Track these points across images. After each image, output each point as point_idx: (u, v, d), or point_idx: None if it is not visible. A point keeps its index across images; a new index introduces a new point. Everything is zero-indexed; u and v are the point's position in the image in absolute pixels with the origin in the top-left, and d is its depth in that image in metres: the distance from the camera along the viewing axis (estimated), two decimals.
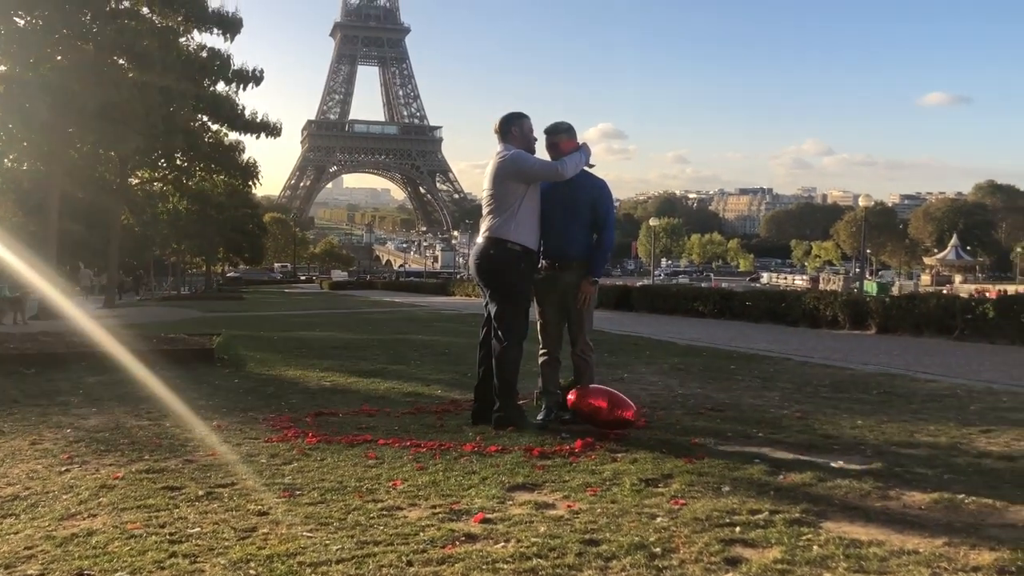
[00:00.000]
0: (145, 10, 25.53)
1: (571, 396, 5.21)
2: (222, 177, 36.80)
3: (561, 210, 5.29)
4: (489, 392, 5.26)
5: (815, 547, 2.84)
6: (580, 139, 5.42)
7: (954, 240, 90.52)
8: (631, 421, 5.00)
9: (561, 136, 5.33)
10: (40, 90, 20.51)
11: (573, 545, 2.86)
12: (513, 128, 5.29)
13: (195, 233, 50.45)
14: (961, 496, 3.48)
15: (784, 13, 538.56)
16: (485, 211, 5.31)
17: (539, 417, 5.30)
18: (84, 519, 3.34)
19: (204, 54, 27.40)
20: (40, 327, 15.15)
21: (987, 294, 15.03)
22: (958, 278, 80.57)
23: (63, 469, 4.22)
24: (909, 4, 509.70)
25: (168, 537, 3.05)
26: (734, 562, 2.71)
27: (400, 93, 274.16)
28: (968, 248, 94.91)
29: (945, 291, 33.20)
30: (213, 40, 30.16)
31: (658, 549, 2.82)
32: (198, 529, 3.16)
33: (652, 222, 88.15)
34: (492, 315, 5.24)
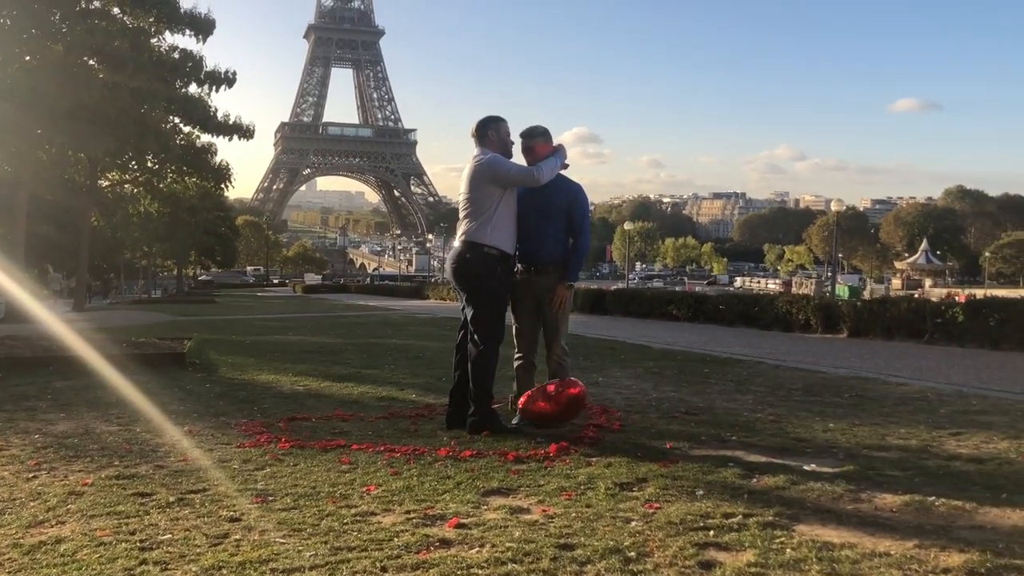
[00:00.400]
0: (116, 10, 25.31)
1: (520, 402, 5.22)
2: (194, 179, 36.49)
3: (536, 214, 5.30)
4: (464, 396, 5.24)
5: (788, 550, 2.85)
6: (555, 143, 5.43)
7: (924, 245, 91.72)
8: (580, 397, 5.06)
9: (537, 140, 5.34)
10: (8, 90, 20.25)
11: (548, 550, 2.86)
12: (490, 132, 5.29)
13: (166, 236, 50.05)
14: (932, 498, 3.51)
15: (758, 21, 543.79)
16: (462, 215, 5.31)
17: (514, 421, 5.29)
18: (52, 526, 3.29)
19: (176, 55, 27.18)
20: (7, 331, 14.92)
21: (957, 298, 15.23)
22: (928, 282, 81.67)
23: (31, 476, 4.15)
24: (881, 13, 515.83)
25: (138, 544, 3.01)
26: (708, 566, 2.71)
27: (374, 96, 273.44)
28: (938, 252, 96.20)
29: (917, 295, 33.58)
30: (185, 41, 30.03)
31: (632, 553, 2.82)
32: (169, 536, 3.12)
33: (627, 226, 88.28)
34: (468, 319, 5.23)
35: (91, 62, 23.80)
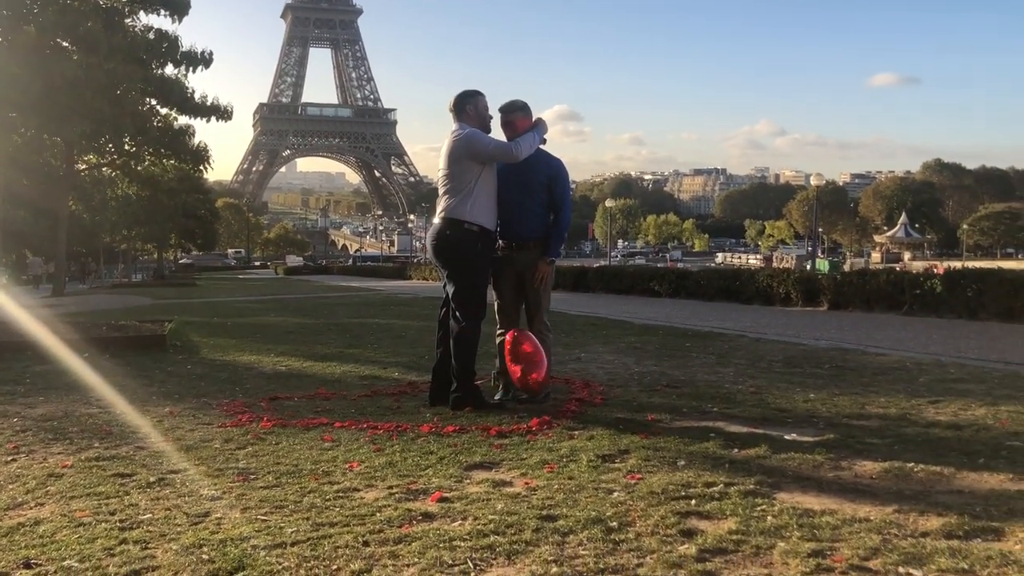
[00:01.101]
0: None
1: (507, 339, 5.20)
2: (172, 162, 36.11)
3: (517, 190, 5.27)
4: (447, 373, 5.23)
5: (769, 517, 2.87)
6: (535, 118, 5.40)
7: (903, 218, 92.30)
8: (542, 383, 5.08)
9: (516, 114, 5.31)
10: None
11: (530, 521, 2.86)
12: (468, 106, 5.25)
13: (146, 219, 49.60)
14: (911, 465, 3.54)
15: None
16: (441, 191, 5.27)
17: (496, 397, 5.30)
18: (31, 508, 3.26)
19: (151, 36, 26.81)
20: None
21: (935, 270, 15.34)
22: (907, 255, 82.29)
23: (9, 459, 4.11)
24: None
25: (118, 524, 2.99)
26: (690, 534, 2.73)
27: (353, 75, 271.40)
28: (916, 226, 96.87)
29: (899, 268, 33.79)
30: (160, 21, 29.58)
31: (615, 523, 2.83)
32: (149, 515, 3.10)
33: (608, 203, 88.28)
34: (450, 296, 5.21)
35: (64, 43, 23.45)
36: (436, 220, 5.31)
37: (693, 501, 3.08)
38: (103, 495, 3.40)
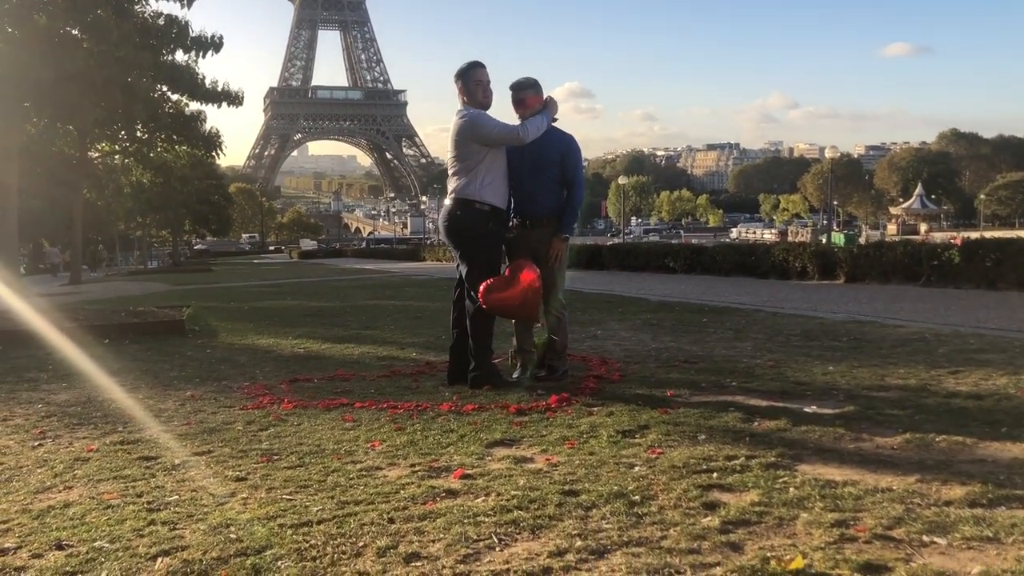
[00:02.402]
0: None
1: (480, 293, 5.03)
2: (184, 148, 36.15)
3: (529, 167, 5.26)
4: (464, 352, 5.25)
5: (791, 489, 2.88)
6: (545, 96, 5.38)
7: (919, 189, 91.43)
8: (535, 280, 4.93)
9: (527, 92, 5.28)
10: None
11: (553, 496, 2.88)
12: (459, 87, 5.22)
13: (160, 206, 49.75)
14: (932, 435, 3.54)
15: None
16: (450, 172, 5.28)
17: (515, 375, 5.31)
18: (60, 492, 3.30)
19: (161, 22, 26.78)
20: (4, 305, 14.88)
21: (954, 241, 15.22)
22: (923, 226, 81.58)
23: (36, 444, 4.16)
24: None
25: (146, 506, 3.03)
26: (712, 506, 2.74)
27: (363, 57, 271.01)
28: (932, 197, 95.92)
29: (921, 240, 33.48)
30: (170, 7, 29.48)
31: (637, 497, 2.85)
32: (176, 497, 3.14)
33: (621, 180, 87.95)
34: (464, 275, 5.22)
35: (75, 32, 23.45)
36: (447, 201, 5.30)
37: (715, 474, 3.09)
38: (130, 478, 3.44)
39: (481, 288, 4.98)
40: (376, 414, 4.49)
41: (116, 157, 35.37)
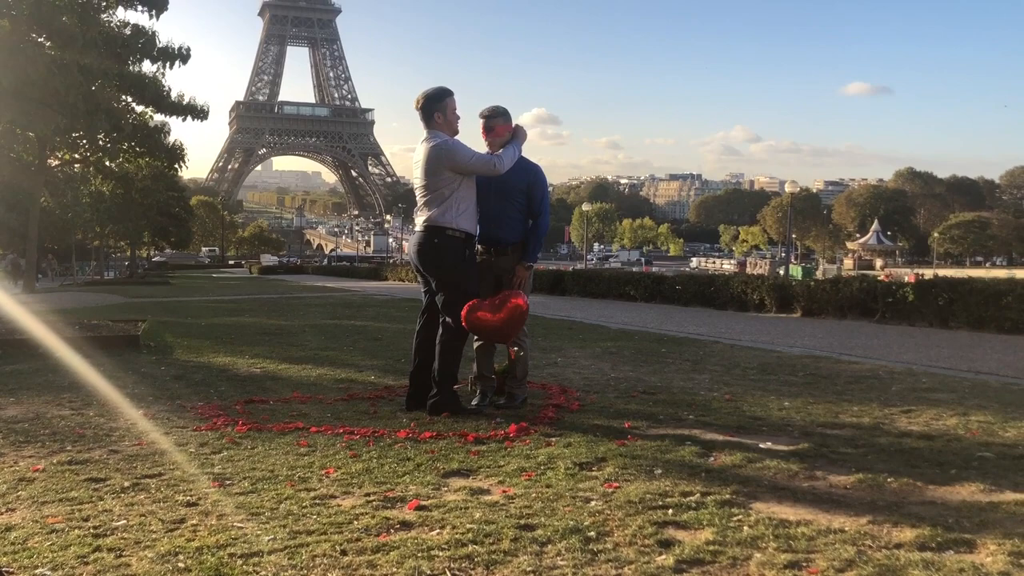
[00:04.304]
0: None
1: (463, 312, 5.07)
2: (146, 159, 35.74)
3: (495, 195, 5.28)
4: (425, 378, 5.21)
5: (746, 528, 2.89)
6: (514, 123, 5.41)
7: (875, 225, 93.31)
8: (523, 308, 5.03)
9: (497, 120, 5.31)
10: None
11: (508, 531, 2.87)
12: (436, 113, 5.15)
13: (119, 216, 49.04)
14: (884, 475, 3.58)
15: (713, 4, 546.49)
16: (420, 201, 5.21)
17: (474, 402, 5.29)
18: (1, 514, 3.21)
19: (127, 31, 26.53)
20: None
21: (906, 278, 15.50)
22: (879, 262, 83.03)
23: None
24: None
25: (92, 531, 2.96)
26: (667, 544, 2.74)
27: (331, 75, 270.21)
28: (888, 233, 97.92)
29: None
30: (137, 17, 29.23)
31: (593, 533, 2.84)
32: (124, 522, 3.07)
33: (585, 207, 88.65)
34: (440, 304, 5.17)
35: (40, 39, 23.13)
36: (418, 229, 5.27)
37: (670, 511, 3.10)
38: (76, 500, 3.36)
39: (466, 307, 4.98)
40: (332, 439, 4.44)
41: (76, 166, 34.85)
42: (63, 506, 3.28)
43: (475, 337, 5.41)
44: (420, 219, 5.21)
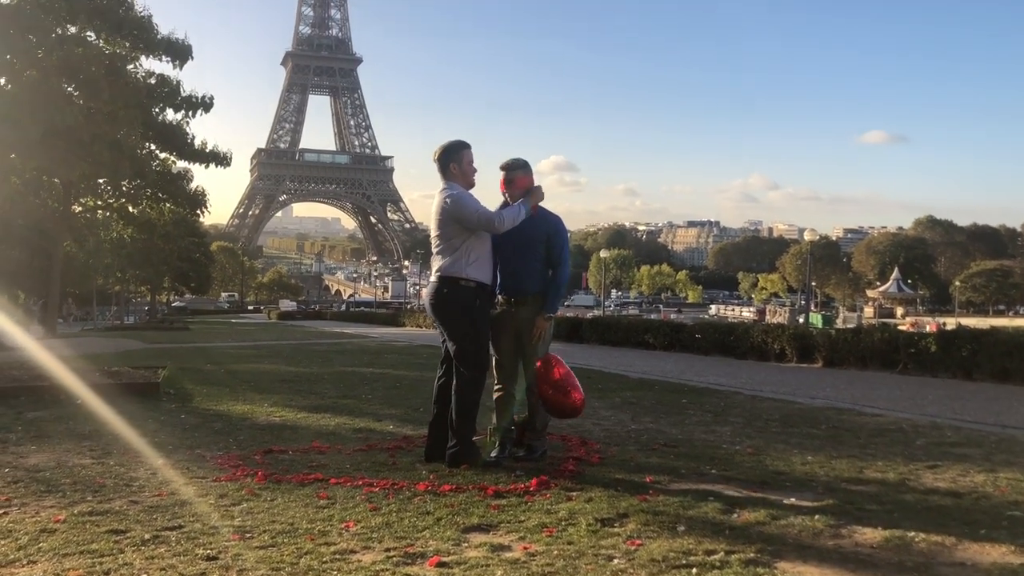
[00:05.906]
0: (91, 35, 25.21)
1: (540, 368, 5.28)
2: (169, 205, 36.22)
3: (515, 246, 5.31)
4: (443, 429, 5.20)
5: None
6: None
7: (895, 273, 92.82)
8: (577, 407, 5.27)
9: (517, 172, 5.37)
10: None
11: None
12: (451, 164, 5.27)
13: (140, 262, 49.60)
14: (911, 534, 3.52)
15: (731, 54, 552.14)
16: (434, 250, 5.30)
17: (493, 454, 5.26)
18: (23, 566, 3.22)
19: (152, 81, 27.09)
20: None
21: (928, 327, 15.39)
22: (899, 310, 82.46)
23: (1, 512, 4.06)
24: (850, 48, 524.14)
25: None
26: None
27: (351, 123, 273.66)
28: (909, 281, 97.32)
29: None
30: (162, 67, 29.72)
31: None
32: (145, 575, 3.06)
33: (603, 254, 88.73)
34: (453, 353, 5.19)
35: (68, 88, 23.65)
36: (432, 279, 5.32)
37: (694, 570, 3.06)
38: (97, 553, 3.36)
39: (549, 367, 5.23)
40: (351, 492, 4.42)
41: (99, 212, 35.34)
42: (84, 559, 3.28)
43: (495, 387, 5.41)
44: (434, 268, 5.28)
